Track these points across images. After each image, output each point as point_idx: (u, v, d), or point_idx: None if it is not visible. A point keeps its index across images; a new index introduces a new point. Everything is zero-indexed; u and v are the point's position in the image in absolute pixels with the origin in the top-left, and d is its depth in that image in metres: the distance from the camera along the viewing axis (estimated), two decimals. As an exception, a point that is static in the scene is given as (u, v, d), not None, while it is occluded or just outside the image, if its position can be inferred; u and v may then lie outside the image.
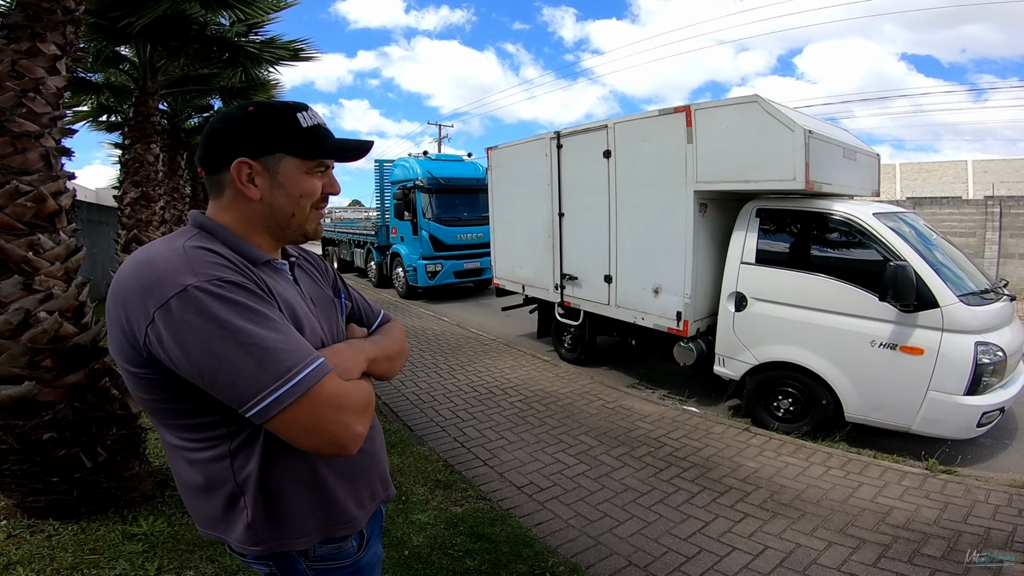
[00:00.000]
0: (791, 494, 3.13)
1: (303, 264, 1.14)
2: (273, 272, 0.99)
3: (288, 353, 0.81)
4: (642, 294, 4.83)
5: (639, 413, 4.42)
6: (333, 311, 1.11)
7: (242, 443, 0.90)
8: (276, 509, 0.93)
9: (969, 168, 23.47)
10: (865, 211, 3.75)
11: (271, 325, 0.82)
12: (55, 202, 2.49)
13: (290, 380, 0.79)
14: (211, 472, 0.91)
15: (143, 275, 0.82)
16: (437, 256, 10.13)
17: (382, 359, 1.07)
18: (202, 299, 0.79)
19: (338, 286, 1.21)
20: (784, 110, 3.83)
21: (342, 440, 0.84)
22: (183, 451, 0.92)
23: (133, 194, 5.41)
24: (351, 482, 1.03)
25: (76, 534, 2.44)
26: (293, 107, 0.97)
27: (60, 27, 2.60)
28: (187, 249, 0.85)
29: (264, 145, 0.94)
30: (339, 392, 0.85)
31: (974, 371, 3.29)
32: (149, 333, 0.80)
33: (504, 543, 2.62)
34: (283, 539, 0.95)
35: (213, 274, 0.82)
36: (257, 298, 0.85)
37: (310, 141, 0.97)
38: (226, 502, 0.92)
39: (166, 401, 0.88)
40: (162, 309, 0.78)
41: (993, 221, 11.22)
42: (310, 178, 0.98)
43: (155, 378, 0.85)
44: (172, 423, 0.91)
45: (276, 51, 5.92)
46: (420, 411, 4.51)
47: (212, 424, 0.89)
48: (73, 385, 2.40)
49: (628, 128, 4.81)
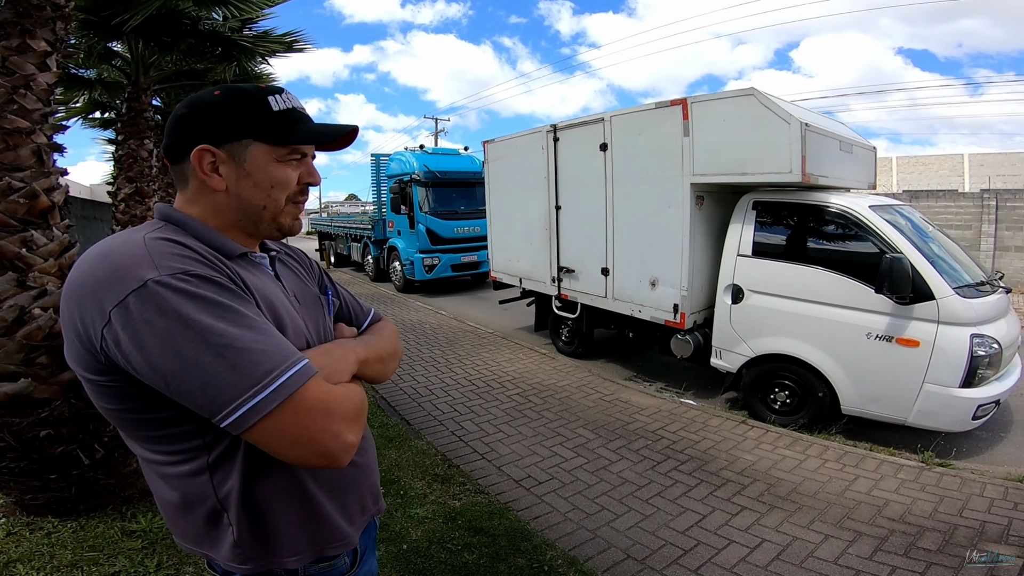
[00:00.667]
0: (788, 487, 3.15)
1: (284, 259, 1.05)
2: (250, 266, 0.91)
3: (267, 354, 0.72)
4: (639, 287, 4.83)
5: (636, 406, 4.44)
6: (319, 309, 1.02)
7: (221, 455, 0.81)
8: (263, 526, 0.85)
9: (965, 161, 23.48)
10: (861, 203, 3.75)
11: (246, 323, 0.74)
12: (48, 198, 2.47)
13: (270, 385, 0.70)
14: (189, 488, 0.82)
15: (97, 270, 0.73)
16: (434, 250, 10.11)
17: (374, 360, 0.99)
18: (164, 295, 0.70)
19: (324, 282, 1.13)
20: (781, 103, 3.82)
21: (332, 451, 0.75)
22: (156, 465, 0.83)
23: (127, 190, 5.37)
24: (340, 496, 0.94)
25: (75, 531, 2.44)
26: (264, 90, 0.88)
27: (50, 23, 2.57)
28: (148, 241, 0.76)
29: (229, 131, 0.85)
30: (327, 397, 0.76)
31: (969, 363, 3.30)
32: (105, 335, 0.71)
33: (502, 536, 2.63)
34: (273, 557, 0.87)
35: (177, 267, 0.73)
36: (229, 293, 0.76)
37: (281, 126, 0.87)
38: (208, 519, 0.84)
39: (132, 411, 0.79)
40: (119, 308, 0.70)
41: (989, 214, 11.28)
42: (283, 167, 0.89)
43: (116, 386, 0.76)
44: (141, 435, 0.82)
45: (269, 44, 5.87)
46: (418, 405, 4.51)
47: (185, 435, 0.80)
48: (69, 382, 2.39)
49: (624, 121, 4.79)
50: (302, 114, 0.92)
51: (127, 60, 5.56)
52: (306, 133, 0.90)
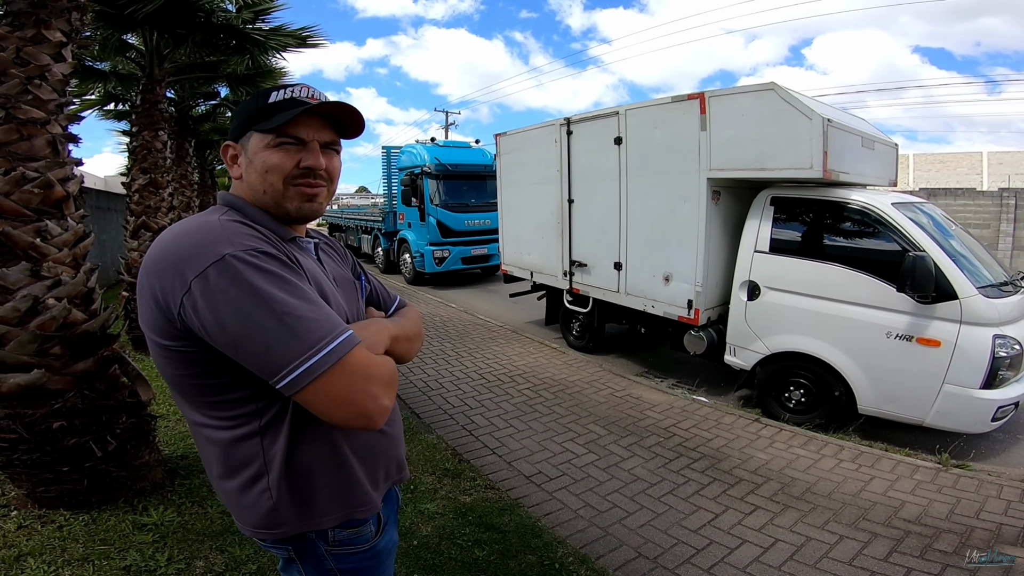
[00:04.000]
0: (802, 487, 3.11)
1: (324, 247, 1.15)
2: (299, 250, 1.01)
3: (319, 323, 0.81)
4: (652, 282, 4.78)
5: (648, 402, 4.40)
6: (354, 292, 1.13)
7: (271, 420, 0.90)
8: (300, 488, 0.93)
9: (984, 160, 23.04)
10: (884, 200, 3.67)
11: (303, 295, 0.83)
12: (62, 188, 2.47)
13: (322, 349, 0.79)
14: (239, 451, 0.91)
15: (180, 246, 0.83)
16: (444, 242, 10.11)
17: (402, 339, 1.09)
18: (239, 268, 0.80)
19: (358, 269, 1.23)
20: (802, 98, 3.74)
21: (370, 411, 0.84)
22: (210, 429, 0.92)
23: (141, 181, 5.39)
24: (370, 462, 1.03)
25: (87, 524, 2.44)
26: (278, 87, 0.98)
27: (65, 13, 2.57)
28: (223, 222, 0.88)
29: (243, 125, 0.98)
30: (368, 363, 0.85)
31: (991, 364, 3.23)
32: (185, 302, 0.80)
33: (513, 533, 2.61)
34: (305, 519, 0.95)
35: (249, 244, 0.84)
36: (290, 269, 0.86)
37: (270, 114, 0.95)
38: (250, 481, 0.92)
39: (196, 376, 0.88)
40: (199, 278, 0.79)
41: (1008, 213, 11.11)
42: (274, 152, 0.95)
43: (187, 351, 0.85)
44: (200, 400, 0.91)
45: (283, 38, 5.84)
46: (428, 398, 4.51)
47: (241, 400, 0.89)
48: (82, 373, 2.40)
49: (640, 115, 4.73)
50: (297, 101, 0.96)
51: (141, 52, 5.58)
52: (284, 116, 0.94)
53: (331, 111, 0.99)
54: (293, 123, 0.95)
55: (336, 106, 0.99)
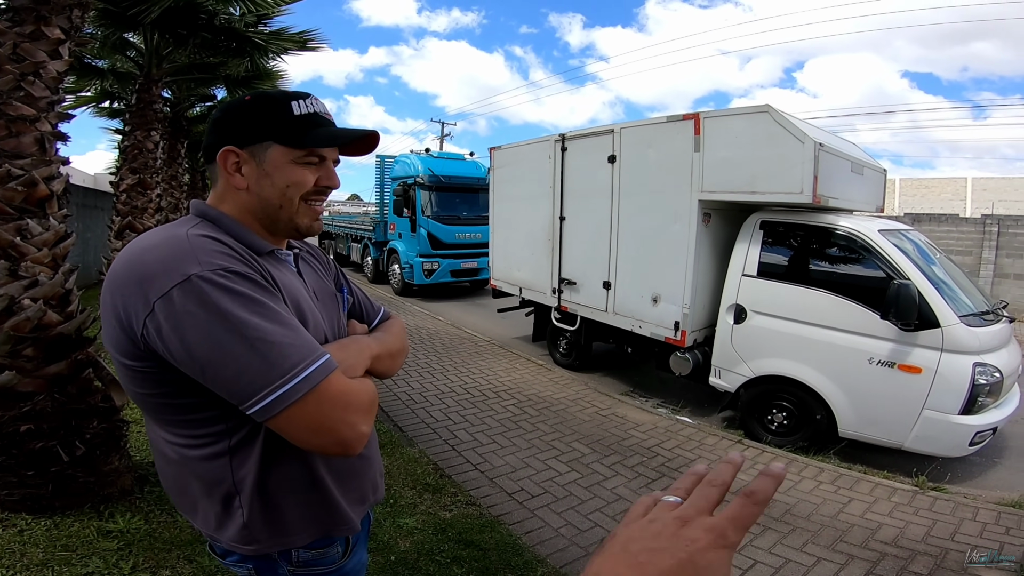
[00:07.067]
0: (781, 508, 3.11)
1: (306, 257, 1.11)
2: (277, 263, 0.97)
3: (294, 348, 0.78)
4: (641, 302, 4.79)
5: (633, 421, 4.39)
6: (335, 305, 1.09)
7: (241, 440, 0.86)
8: (273, 509, 0.90)
9: (968, 185, 23.56)
10: (871, 227, 3.73)
11: (277, 318, 0.79)
12: (47, 187, 2.43)
13: (296, 376, 0.76)
14: (206, 470, 0.87)
15: (145, 263, 0.78)
16: (434, 254, 10.07)
17: (385, 356, 1.05)
18: (206, 289, 0.76)
19: (340, 280, 1.19)
20: (795, 121, 3.79)
21: (347, 439, 0.81)
22: (178, 447, 0.88)
23: (130, 180, 5.34)
24: (346, 483, 1.00)
25: (49, 529, 2.36)
26: (291, 95, 0.94)
27: (66, 11, 2.55)
28: (191, 237, 0.82)
29: (254, 133, 0.91)
30: (346, 390, 0.82)
31: (970, 391, 3.28)
32: (148, 324, 0.76)
33: (493, 551, 2.57)
34: (280, 537, 0.93)
35: (218, 263, 0.79)
36: (263, 290, 0.82)
37: (300, 129, 0.92)
38: (221, 501, 0.89)
39: (162, 396, 0.84)
40: (163, 299, 0.75)
41: (990, 240, 11.25)
42: (300, 168, 0.93)
43: (151, 372, 0.81)
44: (168, 418, 0.88)
45: (283, 42, 5.86)
46: (411, 411, 4.46)
47: (210, 420, 0.85)
48: (54, 376, 2.34)
49: (635, 134, 4.77)
50: (323, 118, 0.95)
51: (141, 51, 5.56)
52: (323, 136, 0.94)
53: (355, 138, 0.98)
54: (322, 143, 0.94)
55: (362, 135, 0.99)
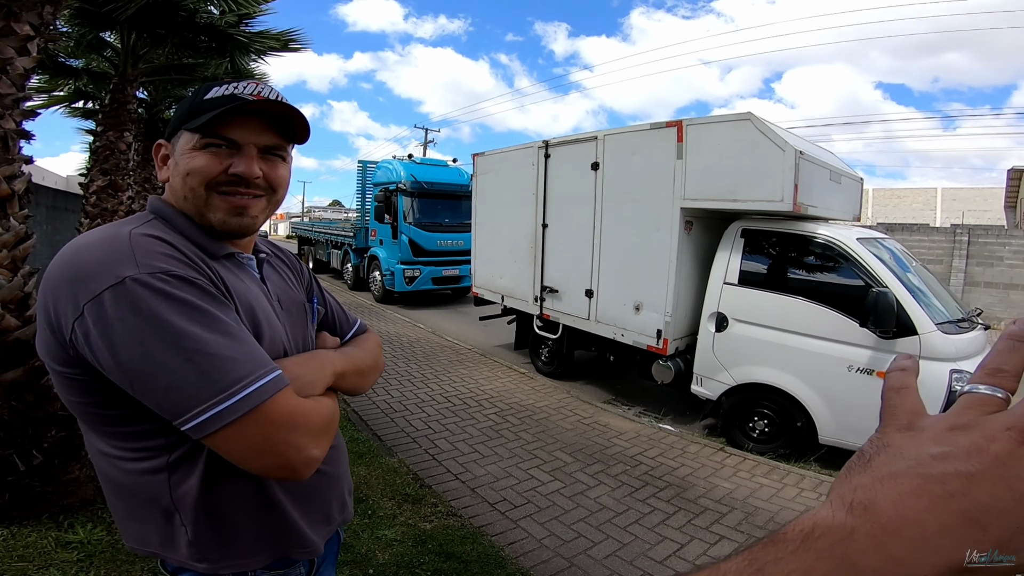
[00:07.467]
0: (765, 516, 3.10)
1: (274, 261, 1.03)
2: (235, 267, 0.89)
3: (238, 362, 0.70)
4: (623, 310, 4.78)
5: (615, 430, 4.35)
6: (303, 316, 1.01)
7: (182, 456, 0.78)
8: (222, 529, 0.82)
9: (938, 195, 24.31)
10: (849, 236, 3.78)
11: (221, 328, 0.72)
12: (7, 186, 2.33)
13: (236, 394, 0.69)
14: (144, 485, 0.79)
15: (78, 262, 0.72)
16: (416, 261, 9.98)
17: (352, 373, 0.97)
18: (141, 294, 0.69)
19: (312, 288, 1.10)
20: (776, 129, 3.84)
21: (293, 463, 0.74)
22: (113, 459, 0.80)
23: (100, 182, 5.17)
24: (305, 503, 0.92)
25: (5, 539, 2.24)
26: (222, 81, 0.86)
27: (37, 7, 2.46)
28: (134, 236, 0.75)
29: (176, 123, 0.86)
30: (294, 410, 0.74)
31: (947, 398, 3.31)
32: (76, 328, 0.70)
33: (475, 563, 2.50)
34: (232, 559, 0.84)
35: (158, 266, 0.72)
36: (208, 297, 0.74)
37: (201, 110, 0.82)
38: (161, 518, 0.81)
39: (95, 405, 0.77)
40: (93, 302, 0.69)
41: (960, 249, 11.54)
42: (200, 154, 0.83)
43: (82, 379, 0.74)
44: (103, 429, 0.80)
45: (265, 40, 5.76)
46: (391, 420, 4.36)
47: (147, 433, 0.77)
48: (11, 383, 2.22)
49: (618, 141, 4.78)
50: (241, 98, 0.83)
51: (117, 51, 5.41)
52: (213, 116, 0.81)
53: (272, 110, 0.85)
54: (226, 123, 0.82)
55: (275, 105, 0.85)
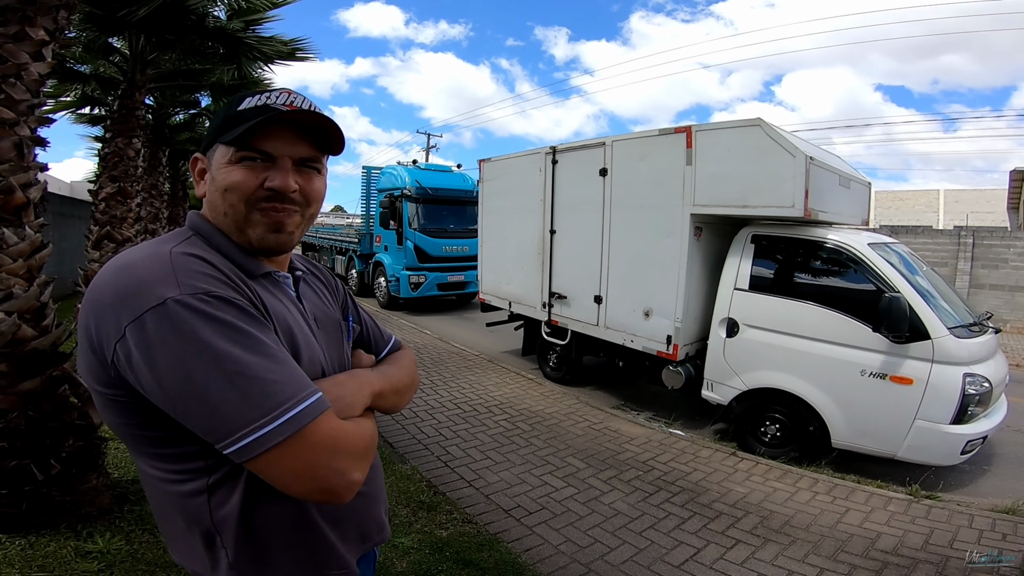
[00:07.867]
0: (781, 520, 3.09)
1: (309, 279, 1.02)
2: (272, 286, 0.88)
3: (280, 385, 0.70)
4: (632, 316, 4.77)
5: (626, 435, 4.34)
6: (339, 334, 0.99)
7: (222, 478, 0.78)
8: (261, 551, 0.82)
9: (941, 197, 24.27)
10: (860, 240, 3.78)
11: (263, 350, 0.71)
12: (23, 194, 2.33)
13: (279, 417, 0.68)
14: (186, 507, 0.79)
15: (119, 283, 0.71)
16: (421, 267, 9.97)
17: (389, 392, 0.95)
18: (183, 315, 0.68)
19: (348, 306, 1.09)
20: (786, 135, 3.84)
21: (335, 487, 0.73)
22: (157, 481, 0.81)
23: (109, 189, 5.18)
24: (343, 525, 0.91)
25: (24, 549, 2.23)
26: (254, 92, 0.85)
27: (53, 11, 2.47)
28: (174, 256, 0.75)
29: (211, 136, 0.85)
30: (336, 433, 0.74)
31: (961, 401, 3.32)
32: (118, 350, 0.69)
33: (493, 570, 2.50)
34: None
35: (200, 286, 0.72)
36: (249, 318, 0.74)
37: (235, 122, 0.81)
38: (203, 539, 0.80)
39: (136, 427, 0.77)
40: (135, 324, 0.68)
41: (965, 252, 11.42)
42: (235, 168, 0.82)
43: (124, 401, 0.74)
44: (144, 450, 0.80)
45: (273, 47, 5.78)
46: (402, 427, 4.35)
47: (188, 455, 0.77)
48: (28, 392, 2.23)
49: (626, 147, 4.79)
50: (275, 109, 0.82)
51: (125, 56, 5.43)
52: (248, 128, 0.80)
53: (306, 121, 0.84)
54: (260, 135, 0.81)
55: (310, 116, 0.83)
